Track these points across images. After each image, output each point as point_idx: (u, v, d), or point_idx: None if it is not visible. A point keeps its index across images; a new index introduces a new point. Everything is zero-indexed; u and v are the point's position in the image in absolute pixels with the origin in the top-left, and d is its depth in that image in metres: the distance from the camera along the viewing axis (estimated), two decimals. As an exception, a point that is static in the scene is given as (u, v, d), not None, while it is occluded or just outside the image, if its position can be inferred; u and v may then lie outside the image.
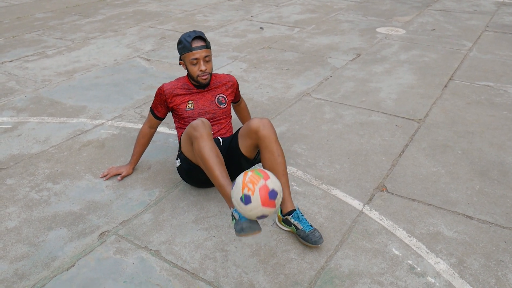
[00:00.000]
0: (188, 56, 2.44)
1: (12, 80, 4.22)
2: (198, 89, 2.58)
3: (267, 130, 2.21)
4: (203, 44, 2.44)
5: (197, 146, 2.15)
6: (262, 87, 4.04)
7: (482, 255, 2.13)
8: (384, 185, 2.65)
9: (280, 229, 2.29)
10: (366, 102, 3.74)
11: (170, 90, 2.55)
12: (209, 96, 2.59)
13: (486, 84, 4.09)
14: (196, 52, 2.42)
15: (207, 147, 2.12)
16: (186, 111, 2.54)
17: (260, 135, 2.20)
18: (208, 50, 2.46)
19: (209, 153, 2.12)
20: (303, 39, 5.44)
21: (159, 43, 5.28)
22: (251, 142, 2.29)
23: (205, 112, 2.55)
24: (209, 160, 2.11)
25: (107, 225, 2.33)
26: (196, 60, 2.43)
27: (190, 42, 2.41)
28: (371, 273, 2.03)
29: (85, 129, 3.30)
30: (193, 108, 2.54)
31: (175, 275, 2.02)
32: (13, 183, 2.68)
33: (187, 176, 2.51)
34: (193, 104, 2.54)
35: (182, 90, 2.56)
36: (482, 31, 5.73)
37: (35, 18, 6.48)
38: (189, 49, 2.42)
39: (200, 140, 2.13)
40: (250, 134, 2.26)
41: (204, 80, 2.50)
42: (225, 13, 6.70)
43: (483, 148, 3.04)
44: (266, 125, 2.22)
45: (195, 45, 2.42)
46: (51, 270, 2.05)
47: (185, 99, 2.55)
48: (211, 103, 2.58)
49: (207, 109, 2.56)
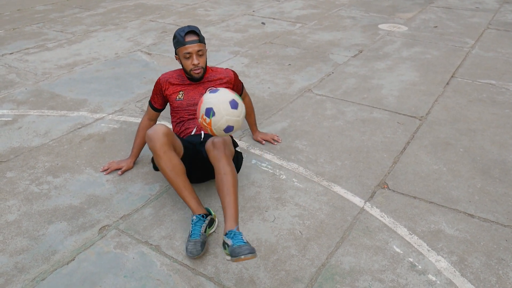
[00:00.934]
0: (182, 50, 2.47)
1: (12, 73, 4.20)
2: (191, 82, 2.60)
3: (216, 151, 2.18)
4: (196, 38, 2.46)
5: (156, 160, 2.22)
6: (264, 83, 4.02)
7: (483, 253, 2.13)
8: (385, 182, 2.64)
9: (281, 226, 2.28)
10: (368, 98, 3.73)
11: (165, 79, 2.62)
12: (200, 89, 2.59)
13: (488, 82, 4.07)
14: (189, 46, 2.45)
15: (161, 163, 2.19)
16: (176, 101, 2.58)
17: (210, 156, 2.20)
18: (201, 44, 2.48)
19: (165, 169, 2.19)
20: (305, 34, 5.41)
21: (160, 37, 5.26)
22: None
23: (193, 104, 2.56)
24: (166, 175, 2.20)
25: (107, 219, 2.32)
26: (189, 54, 2.46)
27: (183, 36, 2.44)
28: (372, 270, 2.02)
29: (85, 123, 3.29)
30: (182, 99, 2.57)
31: (175, 270, 2.02)
32: (13, 176, 2.67)
33: None
34: (183, 95, 2.58)
35: (177, 80, 2.61)
36: (484, 28, 5.71)
37: (36, 10, 6.45)
38: (182, 43, 2.45)
39: (154, 156, 2.20)
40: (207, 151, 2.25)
41: (197, 74, 2.52)
42: (226, 8, 6.67)
43: (485, 146, 3.04)
44: (216, 145, 2.20)
45: (188, 39, 2.45)
46: (51, 264, 2.04)
47: (177, 89, 2.59)
48: (201, 95, 2.56)
49: (196, 100, 2.56)
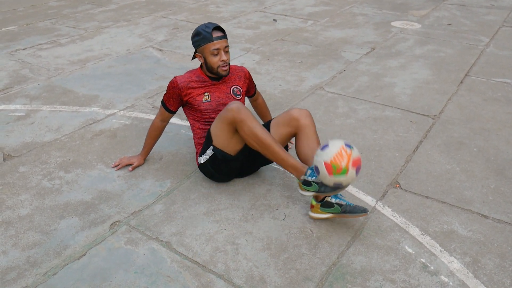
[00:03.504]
0: (209, 47, 2.41)
1: (25, 68, 4.23)
2: (213, 81, 2.54)
3: (309, 120, 2.35)
4: (223, 34, 2.44)
5: (247, 128, 2.21)
6: (275, 80, 4.00)
7: (497, 255, 2.10)
8: (397, 181, 2.62)
9: (292, 224, 2.27)
10: (380, 97, 3.69)
11: (184, 83, 2.50)
12: (224, 88, 2.56)
13: (503, 80, 4.01)
14: (217, 42, 2.40)
15: (258, 127, 2.21)
16: (203, 103, 2.51)
17: (302, 123, 2.32)
18: (227, 40, 2.46)
19: (263, 131, 2.21)
20: (316, 32, 5.38)
21: (172, 34, 5.26)
22: (289, 130, 2.38)
23: (222, 103, 2.53)
24: (266, 138, 2.21)
25: (118, 215, 2.33)
26: (217, 50, 2.41)
27: (210, 32, 2.39)
28: (383, 270, 2.00)
29: (97, 119, 3.30)
30: (210, 100, 2.52)
31: (185, 267, 2.02)
32: (26, 170, 2.69)
33: (217, 170, 2.46)
34: (209, 96, 2.52)
35: (197, 83, 2.53)
36: (499, 26, 5.62)
37: (49, 6, 6.49)
38: (210, 39, 2.39)
39: (249, 122, 2.21)
40: (291, 122, 2.36)
41: (225, 72, 2.48)
42: (238, 4, 6.65)
43: (500, 146, 2.99)
44: (308, 115, 2.37)
45: (215, 35, 2.40)
46: (63, 259, 2.06)
47: (201, 91, 2.52)
48: (227, 94, 2.56)
49: (224, 100, 2.54)
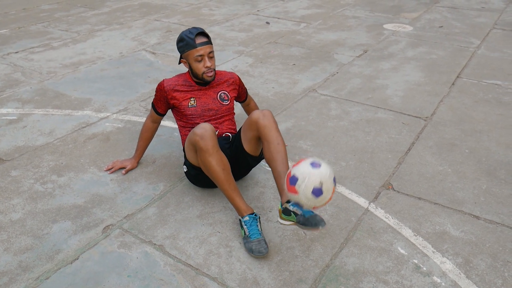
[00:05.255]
0: (192, 53, 2.38)
1: (17, 72, 4.21)
2: (200, 86, 2.52)
3: (267, 120, 2.20)
4: (207, 40, 2.40)
5: (203, 160, 2.15)
6: (268, 82, 4.01)
7: (488, 255, 2.11)
8: (390, 183, 2.63)
9: (285, 227, 2.27)
10: (373, 99, 3.71)
11: (170, 86, 2.49)
12: (211, 93, 2.53)
13: (494, 82, 4.05)
14: (201, 49, 2.36)
15: (213, 162, 2.13)
16: (188, 108, 2.49)
17: (260, 125, 2.19)
18: (211, 46, 2.41)
19: (217, 168, 2.14)
20: (309, 34, 5.40)
21: (164, 37, 5.26)
22: (252, 134, 2.27)
23: (208, 109, 2.50)
24: (218, 175, 2.15)
25: (111, 219, 2.32)
26: (201, 56, 2.38)
27: (193, 38, 2.35)
28: (376, 272, 2.01)
29: (90, 122, 3.29)
30: (195, 105, 2.49)
31: (179, 270, 2.01)
32: (18, 174, 2.68)
33: (196, 180, 2.49)
34: (195, 101, 2.49)
35: (183, 87, 2.51)
36: (490, 28, 5.68)
37: (41, 9, 6.47)
38: (193, 45, 2.36)
39: (206, 155, 2.13)
40: (251, 125, 2.25)
41: (209, 77, 2.45)
42: (231, 7, 6.66)
43: (491, 147, 3.01)
44: (266, 115, 2.22)
45: (198, 41, 2.37)
46: (55, 263, 2.05)
47: (187, 96, 2.49)
48: (213, 100, 2.52)
49: (210, 106, 2.51)
